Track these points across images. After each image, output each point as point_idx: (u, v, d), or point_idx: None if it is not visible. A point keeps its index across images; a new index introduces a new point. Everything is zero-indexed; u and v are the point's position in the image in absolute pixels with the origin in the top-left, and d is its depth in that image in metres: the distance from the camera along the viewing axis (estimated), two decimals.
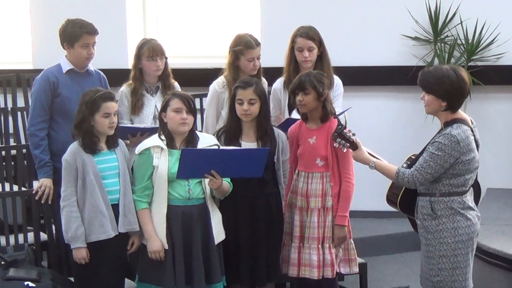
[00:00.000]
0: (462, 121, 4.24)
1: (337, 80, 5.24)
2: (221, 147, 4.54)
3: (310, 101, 4.61)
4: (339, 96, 5.20)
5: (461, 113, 4.29)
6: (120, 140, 4.61)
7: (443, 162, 4.16)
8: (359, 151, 4.38)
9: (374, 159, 4.35)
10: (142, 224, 4.46)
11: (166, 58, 5.18)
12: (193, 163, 4.33)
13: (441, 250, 4.23)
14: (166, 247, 4.41)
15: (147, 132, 4.82)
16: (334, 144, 4.39)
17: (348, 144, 4.36)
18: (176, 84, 5.28)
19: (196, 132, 4.63)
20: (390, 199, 4.53)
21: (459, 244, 4.23)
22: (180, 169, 4.33)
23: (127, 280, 4.78)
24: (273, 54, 5.26)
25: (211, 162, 4.37)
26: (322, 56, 5.18)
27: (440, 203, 4.23)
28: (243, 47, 5.08)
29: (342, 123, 4.34)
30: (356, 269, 4.81)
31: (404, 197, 4.40)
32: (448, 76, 4.18)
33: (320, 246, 4.63)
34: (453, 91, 4.18)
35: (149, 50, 5.10)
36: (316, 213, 4.65)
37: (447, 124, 4.23)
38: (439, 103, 4.20)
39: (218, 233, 4.54)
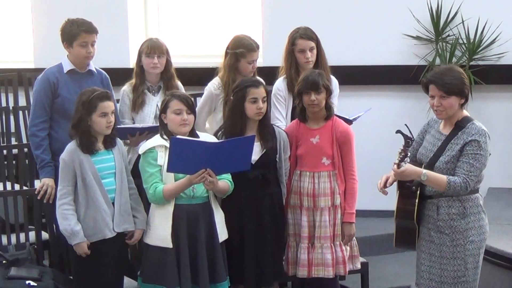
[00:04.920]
0: (471, 118, 4.25)
1: (334, 80, 5.23)
2: (209, 140, 4.49)
3: (322, 100, 4.65)
4: (335, 96, 5.18)
5: (465, 111, 4.30)
6: (118, 140, 4.61)
7: (485, 160, 4.15)
8: (402, 168, 4.15)
9: (425, 170, 4.17)
10: (174, 189, 4.37)
11: (168, 58, 5.18)
12: (183, 154, 4.27)
13: (469, 249, 4.20)
14: (171, 246, 4.40)
15: (146, 131, 4.82)
16: (403, 162, 4.10)
17: (398, 160, 4.15)
18: (179, 85, 5.28)
19: (196, 131, 4.63)
20: (401, 214, 4.34)
21: (482, 242, 4.23)
22: (170, 160, 4.28)
23: (129, 280, 4.79)
24: (275, 54, 5.26)
25: (200, 155, 4.30)
26: (319, 56, 5.16)
27: (470, 201, 4.21)
28: (244, 49, 5.06)
29: (410, 136, 4.14)
30: (358, 265, 4.88)
31: (418, 209, 4.28)
32: (462, 73, 4.21)
33: (332, 244, 4.67)
34: (467, 84, 4.21)
35: (148, 47, 5.13)
36: (326, 212, 4.68)
37: (461, 122, 4.21)
38: (458, 102, 4.19)
39: (222, 232, 4.54)
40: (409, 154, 4.13)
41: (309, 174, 4.72)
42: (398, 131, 4.19)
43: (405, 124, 4.23)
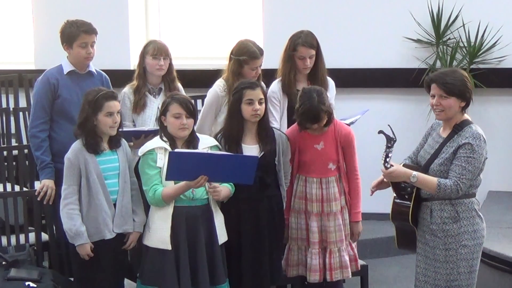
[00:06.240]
0: (471, 122, 4.24)
1: (330, 83, 5.21)
2: (210, 151, 4.49)
3: (323, 123, 4.63)
4: (332, 98, 5.16)
5: (466, 115, 4.29)
6: (123, 141, 4.61)
7: (479, 164, 4.14)
8: (391, 170, 4.19)
9: (415, 172, 4.18)
10: (173, 193, 4.38)
11: (170, 60, 5.18)
12: (182, 165, 4.29)
13: (462, 254, 4.19)
14: (170, 248, 4.40)
15: (151, 134, 4.82)
16: (387, 163, 4.17)
17: (382, 161, 4.21)
18: (180, 87, 5.28)
19: (196, 133, 4.63)
20: (396, 216, 4.37)
21: (477, 247, 4.21)
22: (169, 172, 4.30)
23: (128, 282, 4.79)
24: (276, 56, 5.24)
25: (200, 165, 4.31)
26: (318, 61, 5.12)
27: (462, 205, 4.19)
28: (247, 57, 5.02)
29: (392, 136, 4.17)
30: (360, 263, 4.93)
31: (413, 211, 4.29)
32: (466, 76, 4.21)
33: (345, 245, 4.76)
34: (469, 89, 4.21)
35: (154, 48, 5.11)
36: (340, 216, 4.72)
37: (459, 126, 4.21)
38: (458, 104, 4.18)
39: (221, 234, 4.53)
40: (390, 154, 4.15)
41: (317, 180, 4.72)
42: (381, 132, 4.21)
43: (388, 125, 4.24)
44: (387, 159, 4.16)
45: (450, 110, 4.19)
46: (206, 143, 4.57)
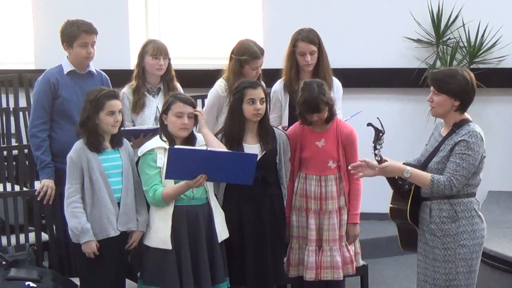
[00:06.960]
0: (470, 121, 4.24)
1: (336, 83, 5.21)
2: (209, 148, 4.48)
3: (324, 116, 4.64)
4: (338, 99, 5.18)
5: (466, 114, 4.29)
6: (125, 140, 4.62)
7: (474, 161, 4.12)
8: (384, 164, 4.16)
9: (409, 167, 4.17)
10: (173, 193, 4.39)
11: (169, 59, 5.18)
12: (181, 163, 4.29)
13: (460, 253, 4.18)
14: (170, 247, 4.40)
15: (150, 133, 4.82)
16: (376, 156, 4.15)
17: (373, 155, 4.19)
18: (178, 86, 5.28)
19: (195, 133, 4.63)
20: (395, 214, 4.37)
21: (476, 247, 4.20)
22: (168, 169, 4.29)
23: (129, 282, 4.78)
24: (276, 56, 5.25)
25: (199, 163, 4.31)
26: (320, 59, 5.14)
27: (461, 204, 4.19)
28: (248, 57, 5.04)
29: (380, 129, 4.14)
30: (361, 262, 4.94)
31: (412, 207, 4.29)
32: (462, 75, 4.18)
33: (340, 246, 4.72)
34: (468, 90, 4.18)
35: (154, 48, 5.11)
36: (335, 215, 4.71)
37: (457, 125, 4.20)
38: (451, 103, 4.17)
39: (222, 232, 4.54)
40: (379, 146, 4.13)
41: (316, 178, 4.72)
42: (369, 124, 4.19)
43: (377, 117, 4.22)
44: (376, 152, 4.15)
45: (440, 107, 4.20)
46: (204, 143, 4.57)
